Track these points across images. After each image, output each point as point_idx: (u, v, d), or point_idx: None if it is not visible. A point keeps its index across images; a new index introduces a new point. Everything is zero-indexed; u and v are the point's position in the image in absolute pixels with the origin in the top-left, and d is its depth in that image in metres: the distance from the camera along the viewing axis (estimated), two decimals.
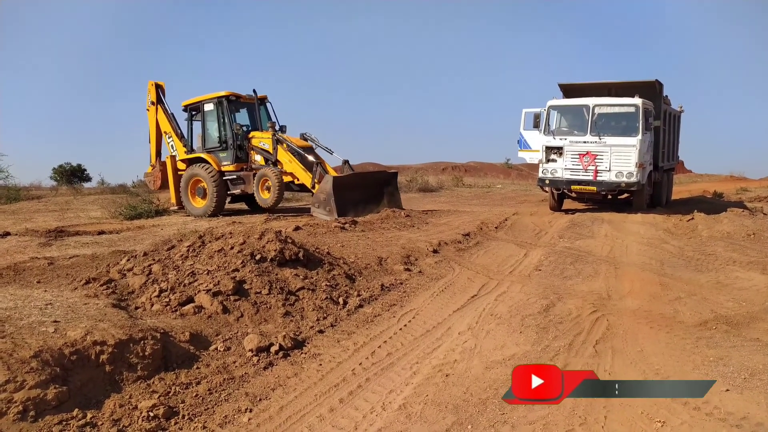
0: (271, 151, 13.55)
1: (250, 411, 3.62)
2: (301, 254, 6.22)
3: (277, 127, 13.98)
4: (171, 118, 15.08)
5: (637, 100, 12.93)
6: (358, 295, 6.04)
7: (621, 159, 12.83)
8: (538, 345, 4.64)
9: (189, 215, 14.29)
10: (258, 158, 13.99)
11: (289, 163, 13.23)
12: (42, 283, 6.06)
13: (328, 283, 6.06)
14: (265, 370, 4.23)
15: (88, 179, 38.18)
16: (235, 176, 14.12)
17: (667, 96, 15.25)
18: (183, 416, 3.55)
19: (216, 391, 3.88)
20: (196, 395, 3.81)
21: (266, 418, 3.53)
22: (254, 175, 13.67)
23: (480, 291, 6.43)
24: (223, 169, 14.13)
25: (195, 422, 3.50)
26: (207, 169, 14.02)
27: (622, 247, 9.08)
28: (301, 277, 5.89)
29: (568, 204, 15.45)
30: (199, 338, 4.57)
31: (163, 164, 15.13)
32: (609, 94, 14.05)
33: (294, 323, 5.15)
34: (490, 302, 5.94)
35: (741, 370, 4.08)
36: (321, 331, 5.05)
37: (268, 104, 14.87)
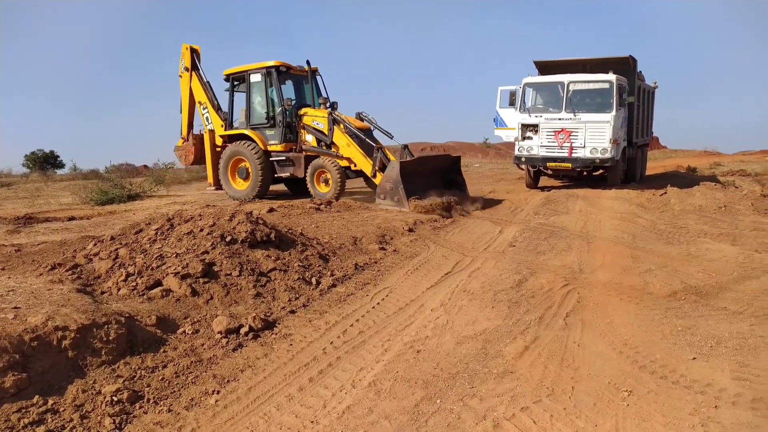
0: (326, 132, 12.14)
1: (218, 393, 3.57)
2: (273, 235, 6.13)
3: (328, 104, 12.69)
4: (207, 87, 13.64)
5: (611, 76, 12.97)
6: (332, 275, 5.99)
7: (595, 135, 12.89)
8: (510, 319, 4.65)
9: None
10: (309, 138, 12.58)
11: (347, 146, 11.87)
12: (6, 270, 5.90)
13: (300, 264, 6.00)
14: (234, 352, 4.17)
15: (61, 166, 37.57)
16: (283, 158, 12.65)
17: (641, 72, 15.32)
18: (148, 400, 3.48)
19: (183, 374, 3.81)
20: (162, 378, 3.74)
21: (233, 400, 3.48)
22: (305, 158, 12.32)
23: (454, 268, 6.42)
24: (269, 148, 12.74)
25: (160, 405, 3.43)
26: (251, 147, 12.60)
27: (595, 222, 9.15)
28: (273, 258, 5.81)
29: (544, 181, 15.53)
30: (166, 322, 4.48)
31: (196, 138, 13.82)
32: (584, 71, 14.07)
33: (265, 304, 5.08)
34: (463, 279, 5.94)
35: (708, 339, 4.14)
36: (293, 312, 5.00)
37: (318, 77, 13.33)
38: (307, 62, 12.98)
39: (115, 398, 3.42)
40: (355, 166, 11.98)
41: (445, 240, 7.98)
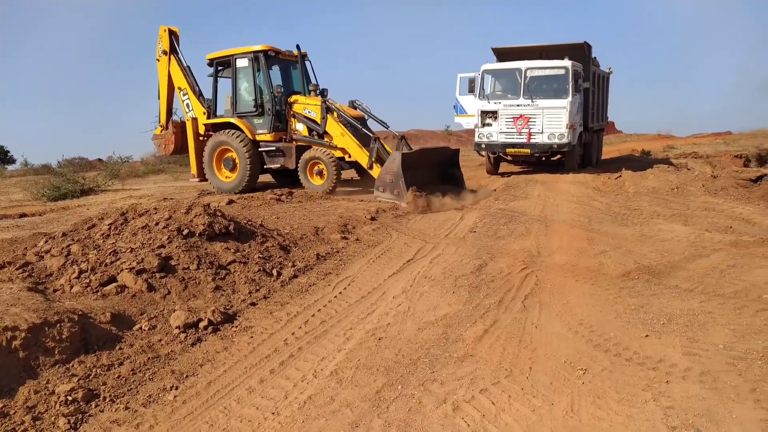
0: (318, 121, 11.63)
1: (176, 388, 3.51)
2: (231, 227, 6.04)
3: (318, 91, 12.16)
4: (187, 72, 12.87)
5: (567, 63, 13.16)
6: (293, 266, 5.95)
7: (552, 121, 13.09)
8: (470, 304, 4.70)
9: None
10: (300, 127, 12.02)
11: (341, 136, 11.36)
12: None
13: (261, 255, 5.94)
14: (193, 347, 4.11)
15: (11, 161, 36.25)
16: (273, 148, 12.04)
17: (595, 57, 15.60)
18: (104, 398, 3.41)
19: (140, 371, 3.74)
20: (119, 376, 3.66)
21: (193, 395, 3.43)
22: (296, 149, 11.80)
23: (416, 255, 6.46)
24: (258, 138, 12.11)
25: (117, 403, 3.36)
26: (238, 137, 11.93)
27: (553, 206, 9.33)
28: (232, 250, 5.73)
29: (504, 167, 15.72)
30: (122, 318, 4.39)
31: (177, 125, 13.10)
32: (540, 57, 14.24)
33: (225, 297, 5.02)
34: (425, 265, 5.97)
35: (660, 317, 4.27)
36: (253, 304, 4.95)
37: (307, 62, 12.73)
38: (297, 47, 12.46)
39: (69, 398, 3.33)
40: (350, 156, 11.49)
41: (407, 228, 8.01)
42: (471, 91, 14.26)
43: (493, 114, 13.71)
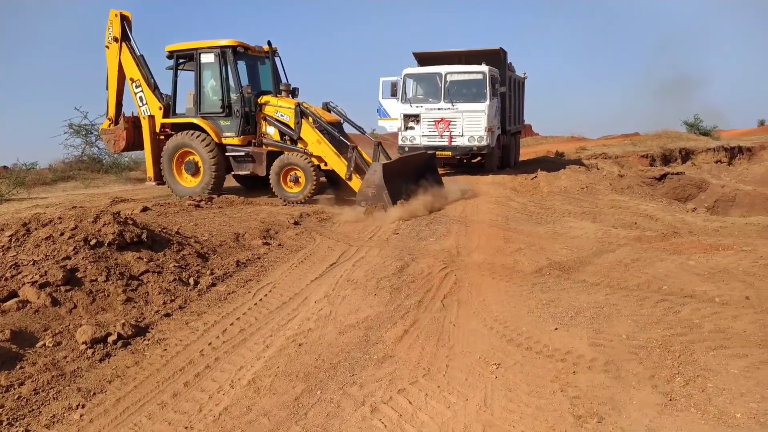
0: (292, 126, 10.75)
1: (83, 407, 3.34)
2: (144, 236, 5.80)
3: (289, 91, 11.37)
4: (140, 62, 11.70)
5: (484, 68, 13.57)
6: (211, 274, 5.79)
7: (472, 124, 13.46)
8: (391, 305, 4.76)
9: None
10: (271, 131, 11.09)
11: (317, 144, 10.52)
12: None
13: (177, 264, 5.74)
14: (101, 363, 3.91)
15: None
16: (242, 153, 11.12)
17: (511, 63, 16.17)
18: (1, 422, 3.18)
19: (43, 390, 3.52)
20: (19, 397, 3.43)
21: (100, 413, 3.27)
22: (268, 154, 10.94)
23: (339, 258, 6.46)
24: (224, 141, 11.10)
25: (16, 426, 3.15)
26: (202, 139, 10.95)
27: (473, 206, 9.58)
28: (145, 260, 5.51)
29: None
30: (23, 335, 4.11)
31: (129, 120, 11.97)
32: (460, 62, 14.61)
33: (137, 309, 4.81)
34: (348, 268, 5.98)
35: (568, 310, 4.49)
36: (168, 315, 4.78)
37: (277, 59, 11.78)
38: (269, 42, 11.62)
39: None
40: (326, 165, 10.72)
41: (332, 231, 7.99)
42: (394, 94, 14.44)
43: (416, 117, 13.94)
